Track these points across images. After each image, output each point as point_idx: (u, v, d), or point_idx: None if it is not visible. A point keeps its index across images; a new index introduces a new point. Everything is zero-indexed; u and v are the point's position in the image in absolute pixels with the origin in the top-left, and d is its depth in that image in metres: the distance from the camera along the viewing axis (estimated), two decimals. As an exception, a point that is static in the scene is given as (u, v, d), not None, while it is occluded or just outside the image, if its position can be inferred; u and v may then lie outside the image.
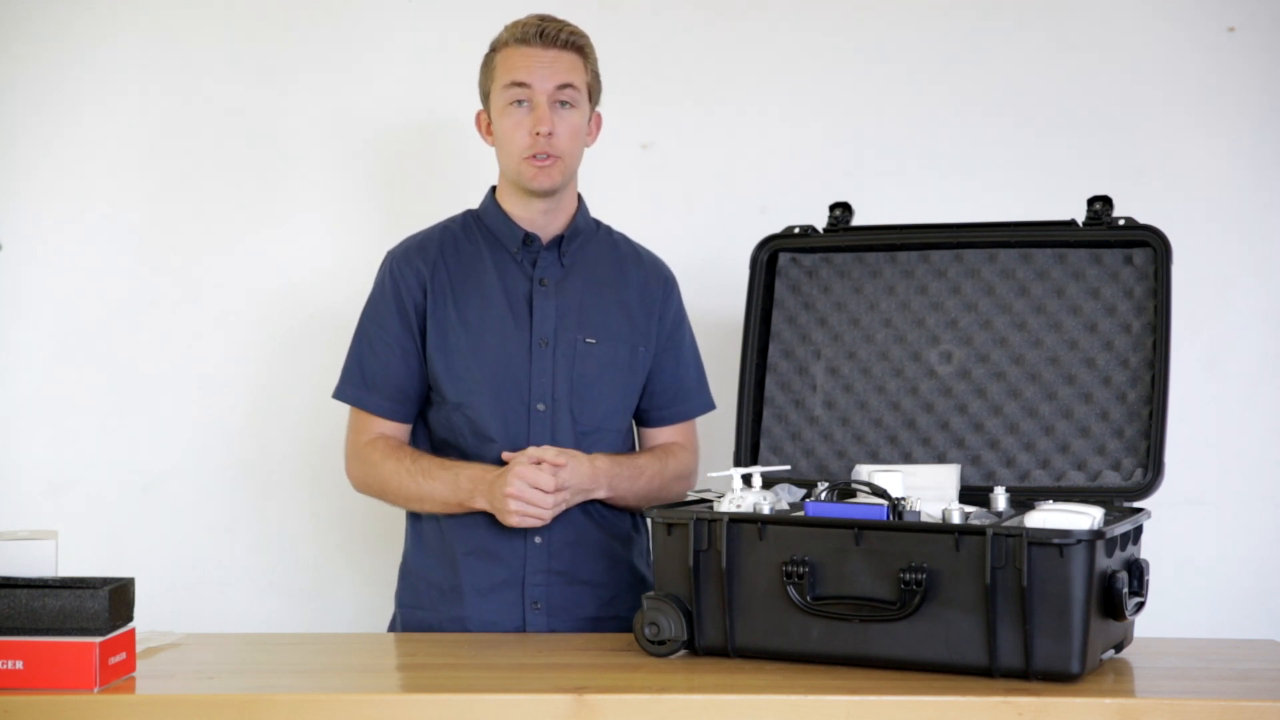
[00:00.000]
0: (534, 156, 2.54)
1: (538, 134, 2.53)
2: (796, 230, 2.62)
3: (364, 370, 2.61)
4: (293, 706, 1.98)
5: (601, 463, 2.55)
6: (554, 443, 2.56)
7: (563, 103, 2.55)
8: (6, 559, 2.10)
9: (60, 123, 3.22)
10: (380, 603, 2.92)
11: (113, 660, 2.02)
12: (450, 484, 2.53)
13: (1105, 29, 3.15)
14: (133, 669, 2.09)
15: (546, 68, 2.54)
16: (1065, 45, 3.15)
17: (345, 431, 2.66)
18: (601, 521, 2.61)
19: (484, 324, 2.58)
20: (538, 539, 2.55)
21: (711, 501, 2.29)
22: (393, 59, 3.23)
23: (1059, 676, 2.03)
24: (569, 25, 2.58)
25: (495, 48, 2.60)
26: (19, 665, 2.00)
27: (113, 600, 2.01)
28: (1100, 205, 2.44)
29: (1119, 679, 2.09)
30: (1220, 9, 3.11)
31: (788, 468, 2.52)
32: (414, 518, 2.65)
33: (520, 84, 2.53)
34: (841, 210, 2.62)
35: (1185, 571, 3.05)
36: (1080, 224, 2.46)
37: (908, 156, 3.17)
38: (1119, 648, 2.20)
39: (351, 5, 3.24)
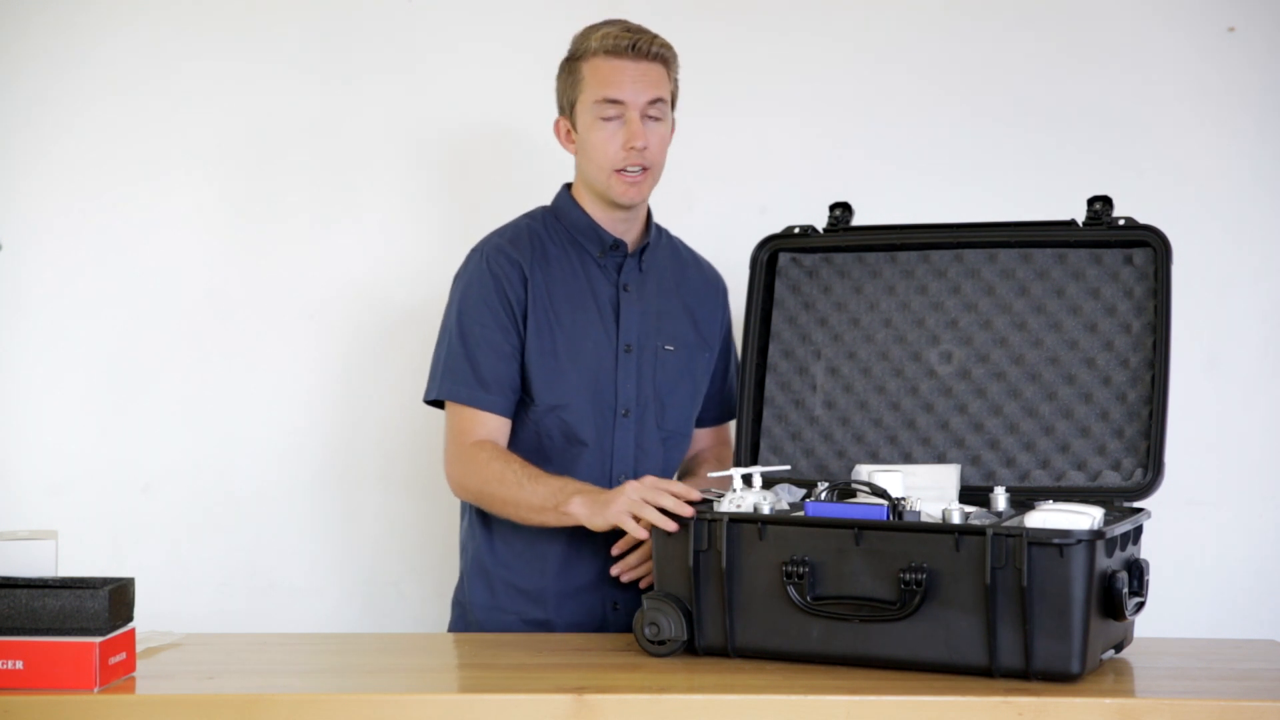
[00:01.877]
0: (624, 170, 2.55)
1: (632, 148, 2.53)
2: (796, 230, 2.62)
3: (476, 367, 2.54)
4: (293, 706, 1.98)
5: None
6: (638, 448, 2.58)
7: (652, 116, 2.55)
8: (6, 559, 2.10)
9: (59, 122, 3.21)
10: (382, 602, 2.92)
11: (113, 660, 2.02)
12: (556, 487, 2.45)
13: (1105, 29, 3.15)
14: (133, 669, 2.09)
15: (639, 81, 2.53)
16: (1065, 45, 3.15)
17: (446, 433, 2.57)
18: None
19: (577, 327, 2.58)
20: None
21: (711, 501, 2.29)
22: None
23: (1059, 676, 2.03)
24: (658, 36, 2.57)
25: (579, 56, 2.56)
26: (19, 665, 2.00)
27: (113, 600, 2.01)
28: (1100, 205, 2.44)
29: (1119, 679, 2.09)
30: (1220, 9, 3.11)
31: (788, 468, 2.52)
32: (490, 520, 2.60)
33: (614, 100, 2.52)
34: (841, 210, 2.62)
35: (1185, 571, 3.05)
36: (1080, 224, 2.45)
37: (908, 156, 3.17)
38: (1119, 648, 2.20)
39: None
